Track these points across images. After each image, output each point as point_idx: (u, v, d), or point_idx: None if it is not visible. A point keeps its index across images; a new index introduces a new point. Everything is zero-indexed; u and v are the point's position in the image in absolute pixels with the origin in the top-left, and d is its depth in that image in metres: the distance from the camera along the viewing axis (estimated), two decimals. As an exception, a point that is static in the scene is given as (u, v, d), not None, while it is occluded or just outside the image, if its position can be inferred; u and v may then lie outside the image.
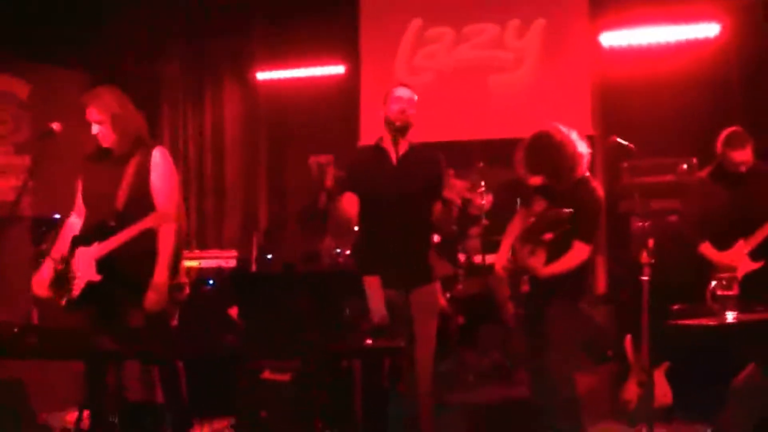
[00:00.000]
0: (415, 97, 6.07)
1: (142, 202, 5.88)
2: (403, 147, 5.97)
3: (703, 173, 7.37)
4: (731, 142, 7.04)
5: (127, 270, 5.85)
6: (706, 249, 7.08)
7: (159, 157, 6.02)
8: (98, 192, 6.00)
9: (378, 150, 6.03)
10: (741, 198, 7.09)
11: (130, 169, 5.92)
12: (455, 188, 5.73)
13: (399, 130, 5.96)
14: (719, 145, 7.10)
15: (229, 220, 10.97)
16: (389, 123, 5.98)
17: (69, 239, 6.03)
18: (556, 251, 5.88)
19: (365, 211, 5.98)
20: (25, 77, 9.26)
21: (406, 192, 5.84)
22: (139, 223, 5.74)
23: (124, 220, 5.81)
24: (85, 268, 5.85)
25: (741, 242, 6.99)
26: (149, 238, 5.89)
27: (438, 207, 5.92)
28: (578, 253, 5.90)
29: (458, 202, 5.76)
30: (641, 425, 6.38)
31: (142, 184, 5.93)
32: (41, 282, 5.91)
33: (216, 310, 7.58)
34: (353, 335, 4.74)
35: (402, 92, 6.04)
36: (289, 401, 6.87)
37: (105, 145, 6.01)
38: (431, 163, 6.00)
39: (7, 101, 9.14)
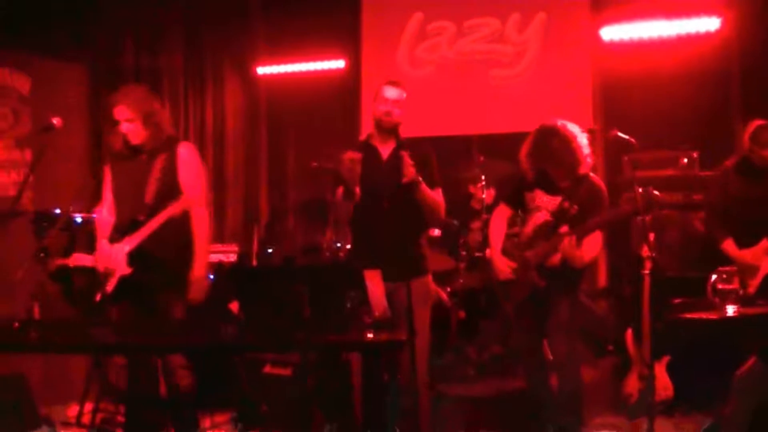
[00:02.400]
0: (404, 95, 6.09)
1: (170, 195, 5.98)
2: (391, 144, 6.03)
3: (728, 165, 7.21)
4: (761, 138, 6.86)
5: (163, 262, 5.93)
6: (729, 246, 6.96)
7: (186, 152, 6.15)
8: (127, 188, 6.08)
9: (367, 147, 6.07)
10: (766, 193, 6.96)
11: (158, 164, 6.03)
12: (406, 168, 5.79)
13: (386, 131, 6.01)
14: (746, 139, 6.94)
15: (230, 214, 10.97)
16: (377, 123, 6.04)
17: (105, 235, 6.10)
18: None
19: (357, 207, 6.01)
20: (25, 71, 9.25)
21: (395, 188, 5.88)
22: (165, 210, 5.84)
23: (154, 213, 5.90)
24: (117, 262, 5.90)
25: (765, 241, 6.88)
26: (181, 228, 5.98)
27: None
28: (597, 241, 5.97)
29: (411, 179, 5.80)
30: (642, 419, 6.38)
31: (170, 178, 6.03)
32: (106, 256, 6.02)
33: (216, 305, 7.59)
34: (354, 329, 4.74)
35: (390, 93, 6.07)
36: (290, 395, 6.89)
37: (135, 142, 6.07)
38: (421, 160, 6.02)
39: (7, 95, 9.13)
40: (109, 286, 5.90)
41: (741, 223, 6.97)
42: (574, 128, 6.07)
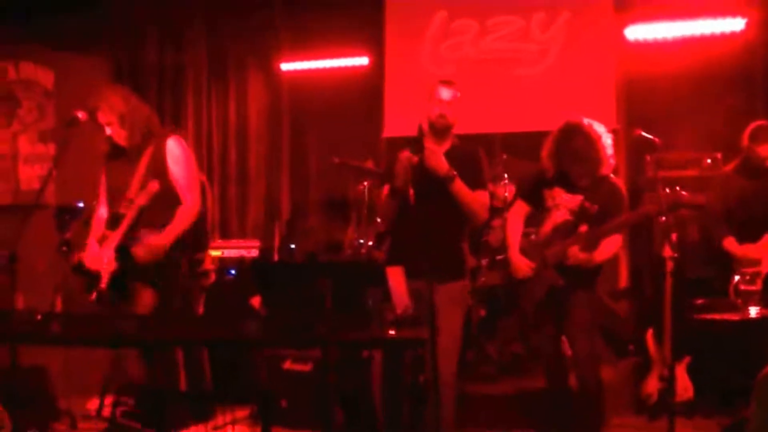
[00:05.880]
0: (458, 95, 6.05)
1: (159, 191, 5.98)
2: (444, 145, 5.98)
3: (729, 167, 7.32)
4: (757, 137, 7.00)
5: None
6: (730, 244, 7.02)
7: (174, 145, 6.17)
8: (117, 188, 6.12)
9: (419, 147, 5.94)
10: (766, 192, 7.05)
11: (144, 160, 6.05)
12: (439, 162, 5.78)
13: (439, 133, 5.96)
14: (745, 139, 7.06)
15: (252, 210, 10.98)
16: (431, 125, 5.96)
17: (98, 234, 6.15)
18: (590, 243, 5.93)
19: (403, 206, 5.96)
20: (49, 66, 9.29)
21: (442, 189, 5.83)
22: (139, 197, 5.89)
23: (140, 209, 5.94)
24: (106, 258, 5.95)
25: (766, 237, 6.94)
26: (164, 223, 6.02)
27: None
28: (615, 242, 5.97)
29: (444, 173, 5.79)
30: (662, 420, 6.37)
31: (158, 173, 6.03)
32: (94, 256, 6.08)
33: (238, 300, 7.60)
34: (376, 325, 4.73)
35: (444, 94, 6.01)
36: (310, 391, 6.90)
37: (120, 143, 6.13)
38: (470, 160, 5.99)
39: (32, 90, 9.17)
40: (102, 284, 5.95)
41: (743, 223, 7.03)
42: (599, 128, 6.06)
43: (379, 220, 7.93)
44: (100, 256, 6.02)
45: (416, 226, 5.67)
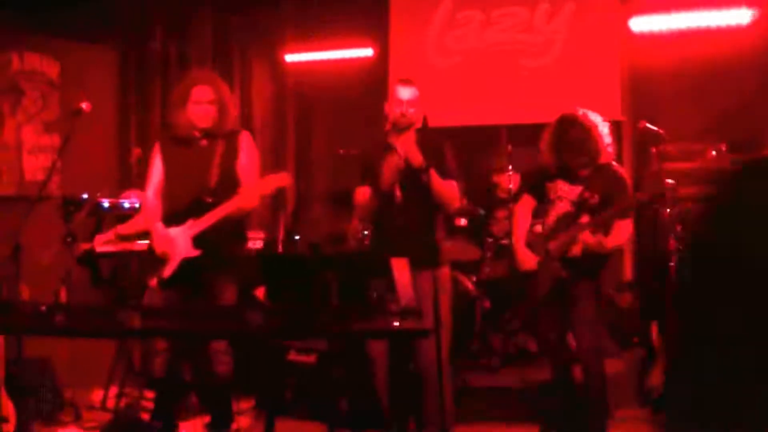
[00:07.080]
0: (417, 93, 6.07)
1: (230, 180, 6.01)
2: (411, 139, 5.99)
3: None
4: None
5: (219, 246, 5.92)
6: None
7: (247, 140, 6.17)
8: (186, 173, 6.05)
9: (386, 146, 6.00)
10: None
11: (220, 149, 6.04)
12: (413, 154, 5.80)
13: (402, 131, 5.98)
14: None
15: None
16: (393, 124, 5.98)
17: (156, 218, 6.08)
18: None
19: (378, 203, 6.03)
20: (55, 56, 9.29)
21: (412, 185, 5.87)
22: (229, 202, 5.85)
23: (218, 198, 5.90)
24: (181, 245, 5.88)
25: None
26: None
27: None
28: (625, 228, 5.99)
29: (418, 164, 5.82)
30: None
31: (231, 163, 6.03)
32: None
33: (242, 291, 7.61)
34: (380, 317, 4.74)
35: (403, 93, 6.05)
36: (314, 382, 6.90)
37: (203, 125, 6.07)
38: (435, 154, 6.00)
39: (37, 80, 9.16)
40: (168, 271, 5.87)
41: None
42: (594, 117, 6.10)
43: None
44: (171, 240, 5.97)
45: (400, 221, 5.74)
